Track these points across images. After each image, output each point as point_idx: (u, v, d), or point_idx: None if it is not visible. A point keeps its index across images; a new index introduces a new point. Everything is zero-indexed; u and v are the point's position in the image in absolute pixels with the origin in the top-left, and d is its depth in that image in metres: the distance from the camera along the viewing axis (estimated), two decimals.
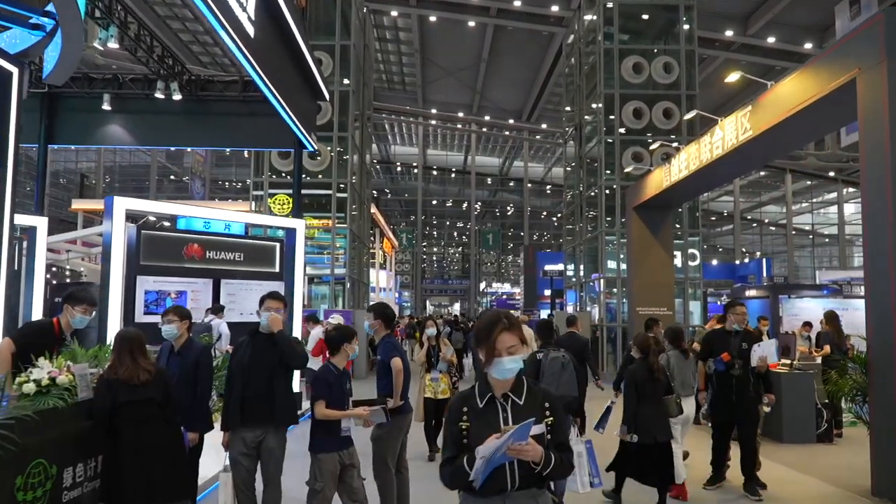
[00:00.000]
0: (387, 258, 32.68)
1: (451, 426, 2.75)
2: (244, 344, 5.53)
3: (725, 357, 7.10)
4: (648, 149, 19.15)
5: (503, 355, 2.66)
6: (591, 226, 21.16)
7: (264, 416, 5.29)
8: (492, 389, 2.73)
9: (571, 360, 6.73)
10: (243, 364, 5.36)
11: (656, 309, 15.86)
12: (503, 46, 42.21)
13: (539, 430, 2.62)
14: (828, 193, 52.05)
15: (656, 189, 14.59)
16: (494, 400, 2.72)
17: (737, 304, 7.61)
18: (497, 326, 2.68)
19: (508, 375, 2.68)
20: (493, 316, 2.75)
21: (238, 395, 5.32)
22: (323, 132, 19.45)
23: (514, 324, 2.70)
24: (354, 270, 21.24)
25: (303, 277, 13.62)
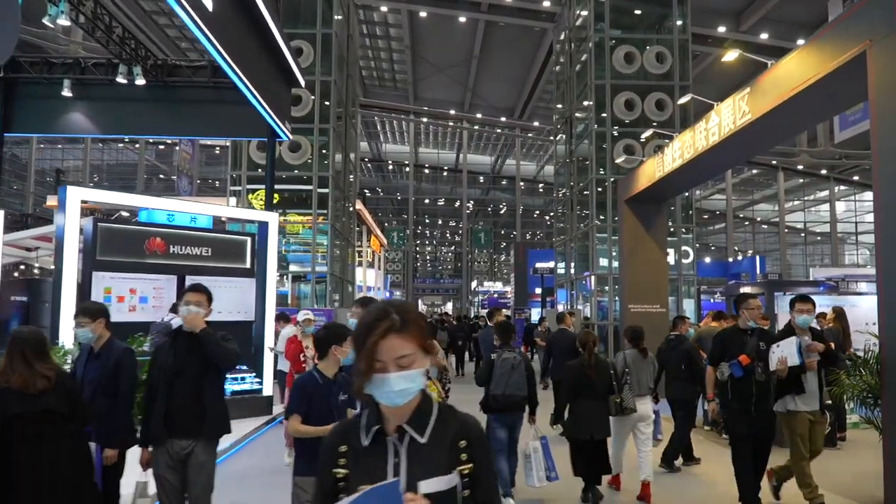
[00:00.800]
0: (375, 256, 31.82)
1: (321, 473, 1.88)
2: (166, 346, 4.70)
3: (744, 360, 6.02)
4: (640, 141, 18.35)
5: (389, 369, 1.74)
6: (584, 224, 20.36)
7: (192, 427, 4.47)
8: (383, 420, 1.84)
9: (523, 360, 6.62)
10: (166, 369, 4.55)
11: (649, 306, 15.08)
12: (495, 43, 41.41)
13: (446, 485, 1.77)
14: (820, 191, 51.40)
15: (648, 181, 13.79)
16: (384, 436, 1.83)
17: (749, 297, 6.52)
18: (379, 326, 1.76)
19: (397, 401, 1.77)
20: (377, 311, 1.82)
21: (162, 405, 4.50)
22: (303, 124, 18.63)
23: (409, 322, 1.78)
24: (338, 268, 20.39)
25: (276, 274, 12.81)
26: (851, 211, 50.77)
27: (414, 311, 1.85)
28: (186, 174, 39.70)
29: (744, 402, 6.05)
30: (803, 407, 6.41)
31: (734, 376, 6.07)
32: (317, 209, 18.33)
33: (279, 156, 18.21)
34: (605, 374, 6.43)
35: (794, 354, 6.07)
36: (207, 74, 12.90)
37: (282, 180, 19.55)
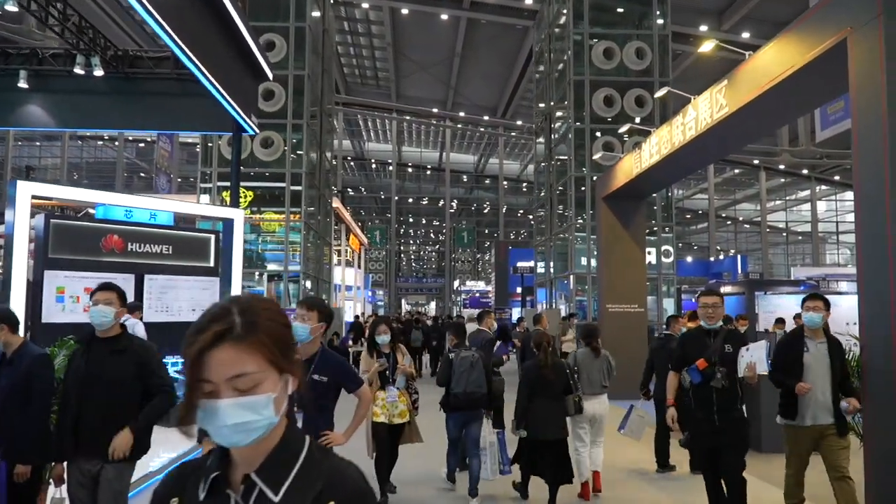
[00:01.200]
0: (355, 256, 31.31)
1: None
2: (78, 353, 4.23)
3: (701, 364, 5.40)
4: (622, 140, 18.00)
5: (221, 393, 1.23)
6: (563, 223, 19.99)
7: (99, 446, 4.00)
8: (230, 464, 1.32)
9: (481, 358, 6.68)
10: (78, 378, 4.08)
11: (627, 306, 14.71)
12: (477, 40, 41.03)
13: None
14: (801, 191, 51.44)
15: (626, 177, 13.41)
16: (226, 487, 1.30)
17: (704, 293, 5.80)
18: (208, 330, 1.26)
19: (234, 440, 1.26)
20: (213, 309, 1.31)
21: (70, 418, 4.04)
22: (276, 119, 18.13)
23: (257, 327, 1.27)
24: (311, 267, 19.89)
25: (241, 273, 12.33)
26: (832, 210, 50.89)
27: (267, 312, 1.31)
28: (165, 172, 39.01)
29: (706, 410, 5.42)
30: (808, 421, 5.59)
31: (693, 383, 5.48)
32: (290, 207, 17.82)
33: (251, 152, 17.73)
34: (562, 373, 6.35)
35: (762, 360, 5.38)
36: (170, 66, 12.37)
37: (254, 177, 19.05)
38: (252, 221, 19.34)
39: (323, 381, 4.07)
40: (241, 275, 12.31)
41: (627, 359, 14.80)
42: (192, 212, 12.14)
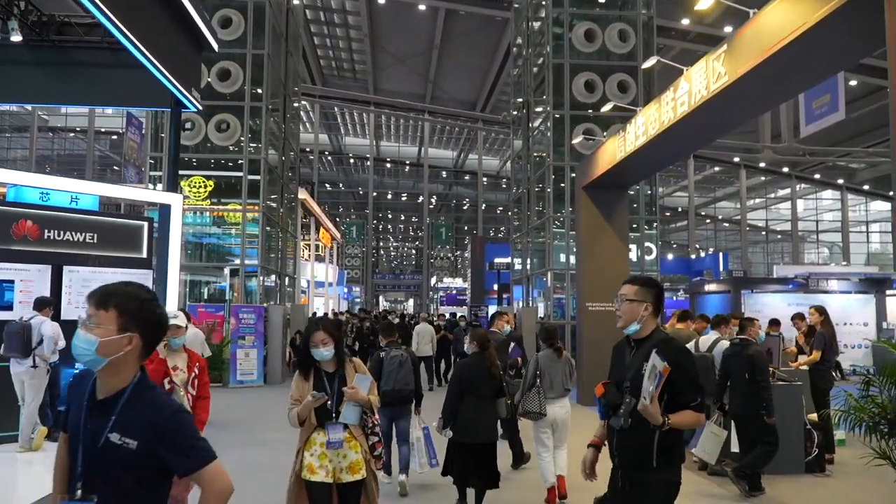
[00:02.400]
0: (327, 251, 29.78)
1: None
2: None
3: (598, 391, 3.52)
4: (601, 125, 16.73)
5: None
6: (540, 217, 18.66)
7: None
8: None
9: (409, 357, 6.81)
10: None
11: (608, 304, 13.40)
12: (455, 32, 39.66)
13: None
14: (781, 189, 50.61)
15: (609, 163, 12.10)
16: None
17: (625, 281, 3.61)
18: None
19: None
20: None
21: None
22: (232, 101, 16.65)
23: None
24: (272, 261, 18.42)
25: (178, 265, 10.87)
26: (812, 209, 50.11)
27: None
28: (134, 163, 37.25)
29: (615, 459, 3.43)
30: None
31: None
32: (247, 197, 16.34)
33: (205, 136, 16.24)
34: (497, 375, 6.12)
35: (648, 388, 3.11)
36: (101, 33, 10.85)
37: (213, 165, 17.55)
38: (210, 212, 17.87)
39: (128, 448, 2.07)
40: (179, 267, 10.89)
41: (607, 360, 13.49)
42: (122, 196, 10.65)
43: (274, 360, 16.27)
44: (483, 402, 5.89)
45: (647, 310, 3.34)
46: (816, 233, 49.73)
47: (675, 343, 3.38)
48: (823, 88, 21.89)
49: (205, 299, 18.99)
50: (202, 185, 17.87)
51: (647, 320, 3.37)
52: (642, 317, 3.36)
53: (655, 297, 3.40)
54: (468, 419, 5.82)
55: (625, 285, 3.53)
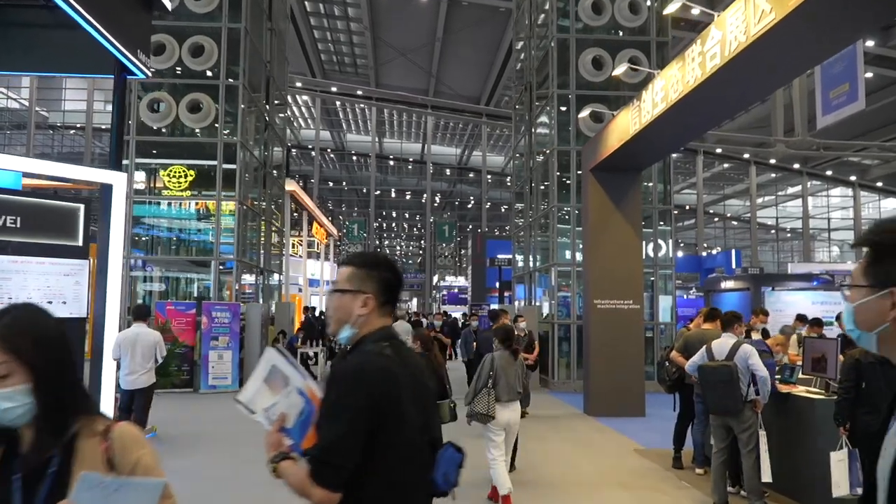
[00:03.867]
0: (322, 247, 28.09)
1: None
2: None
3: None
4: (610, 105, 14.97)
5: None
6: (546, 206, 16.90)
7: None
8: None
9: None
10: None
11: (619, 302, 11.69)
12: (458, 24, 37.92)
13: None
14: (791, 187, 48.70)
15: (620, 140, 10.37)
16: None
17: None
18: None
19: None
20: None
21: None
22: (205, 80, 15.00)
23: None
24: (252, 255, 16.75)
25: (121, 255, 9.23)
26: (823, 207, 48.16)
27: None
28: None
29: None
30: None
31: None
32: (221, 184, 14.67)
33: (176, 116, 14.58)
34: (438, 377, 6.00)
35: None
36: None
37: (188, 151, 15.91)
38: (184, 204, 16.23)
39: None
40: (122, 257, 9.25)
41: (619, 365, 11.84)
42: (51, 172, 8.97)
43: (251, 362, 14.60)
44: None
45: (368, 305, 2.14)
46: (828, 231, 47.79)
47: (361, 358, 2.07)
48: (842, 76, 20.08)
49: (184, 296, 17.33)
50: (182, 174, 16.25)
51: (370, 320, 2.15)
52: (359, 316, 2.14)
53: (381, 283, 2.19)
54: None
55: (339, 268, 2.47)
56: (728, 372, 6.32)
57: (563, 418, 11.27)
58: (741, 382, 6.29)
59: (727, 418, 6.36)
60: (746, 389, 6.30)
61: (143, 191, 15.91)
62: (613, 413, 11.38)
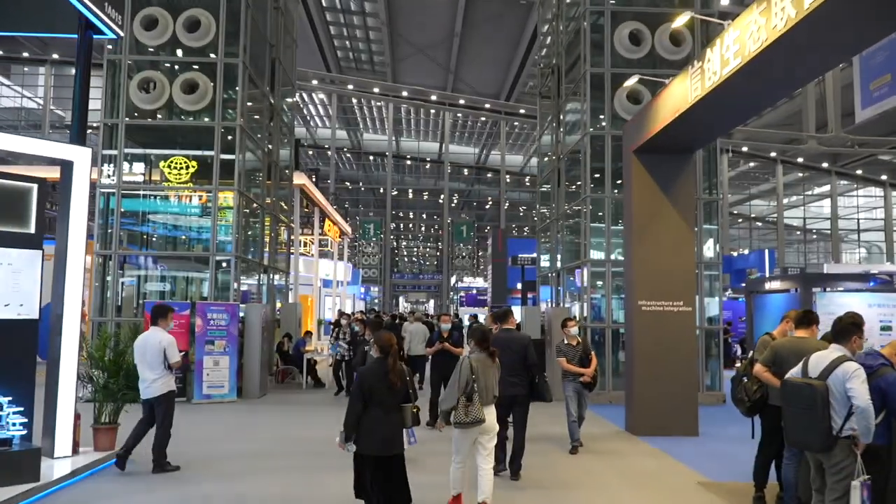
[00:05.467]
0: (335, 246, 26.46)
1: None
2: None
3: None
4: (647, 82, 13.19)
5: None
6: (573, 201, 15.16)
7: None
8: None
9: None
10: None
11: (668, 303, 9.90)
12: (477, 19, 36.31)
13: None
14: (818, 187, 46.50)
15: (674, 112, 8.60)
16: None
17: None
18: None
19: None
20: None
21: None
22: (201, 57, 13.43)
23: None
24: (256, 253, 15.14)
25: (84, 245, 7.62)
26: (851, 207, 45.86)
27: None
28: None
29: None
30: None
31: None
32: (219, 171, 13.06)
33: (170, 98, 12.99)
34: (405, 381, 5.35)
35: None
36: None
37: (183, 139, 14.34)
38: (179, 196, 14.67)
39: None
40: (84, 248, 7.64)
41: (667, 376, 10.09)
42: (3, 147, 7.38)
43: (251, 369, 12.99)
44: (388, 412, 5.25)
45: None
46: (857, 231, 45.48)
47: None
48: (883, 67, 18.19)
49: (183, 298, 15.72)
50: (183, 166, 14.70)
51: None
52: None
53: None
54: (370, 430, 5.17)
55: None
56: (811, 395, 4.66)
57: (604, 439, 9.51)
58: (833, 411, 4.59)
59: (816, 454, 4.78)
60: (842, 422, 4.60)
61: (136, 183, 14.33)
62: (661, 432, 9.61)
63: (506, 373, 6.89)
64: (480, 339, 6.10)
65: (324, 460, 7.76)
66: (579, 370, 8.32)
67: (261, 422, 10.85)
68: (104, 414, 7.85)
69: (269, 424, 10.64)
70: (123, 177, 13.55)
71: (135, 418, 7.51)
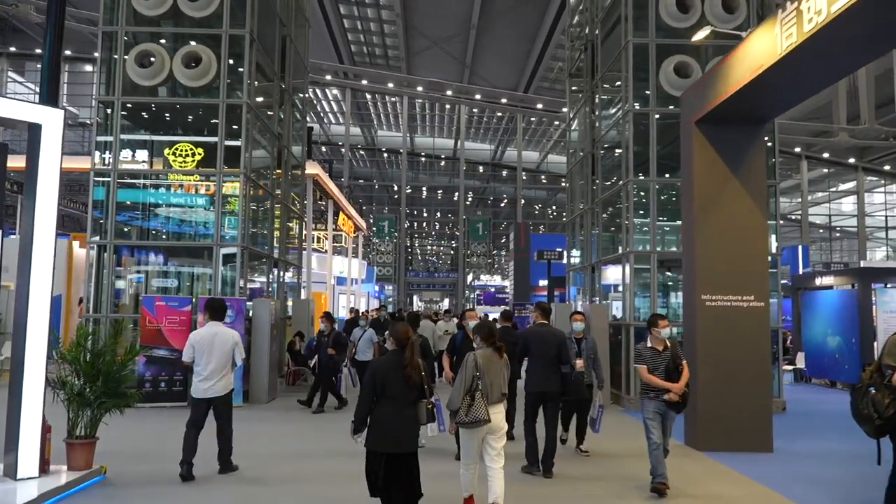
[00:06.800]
0: (350, 241, 25.05)
1: None
2: None
3: None
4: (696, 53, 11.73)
5: None
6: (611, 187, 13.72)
7: None
8: None
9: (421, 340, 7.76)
10: None
11: (737, 298, 8.44)
12: (494, 10, 34.86)
13: None
14: (842, 184, 44.72)
15: (754, 70, 7.16)
16: None
17: None
18: None
19: None
20: None
21: None
22: (204, 29, 12.10)
23: None
24: (264, 243, 13.81)
25: (53, 228, 6.27)
26: (878, 203, 44.00)
27: None
28: None
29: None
30: None
31: None
32: (224, 158, 11.72)
33: (170, 73, 11.67)
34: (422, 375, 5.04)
35: None
36: None
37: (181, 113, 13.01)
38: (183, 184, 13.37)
39: None
40: (54, 230, 6.29)
41: (737, 382, 8.61)
42: None
43: (259, 371, 11.64)
44: (403, 407, 4.91)
45: None
46: (886, 229, 43.59)
47: None
48: None
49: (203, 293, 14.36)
50: (189, 153, 13.40)
51: None
52: None
53: None
54: (383, 426, 4.85)
55: None
56: None
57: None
58: None
59: None
60: None
61: (133, 169, 12.98)
62: (730, 447, 8.16)
63: (539, 367, 6.94)
64: (487, 334, 5.68)
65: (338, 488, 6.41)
66: (665, 384, 6.33)
67: (266, 432, 9.44)
68: (79, 426, 6.50)
69: (276, 436, 9.26)
70: (123, 165, 12.27)
71: (117, 430, 6.21)
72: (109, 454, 6.92)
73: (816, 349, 15.78)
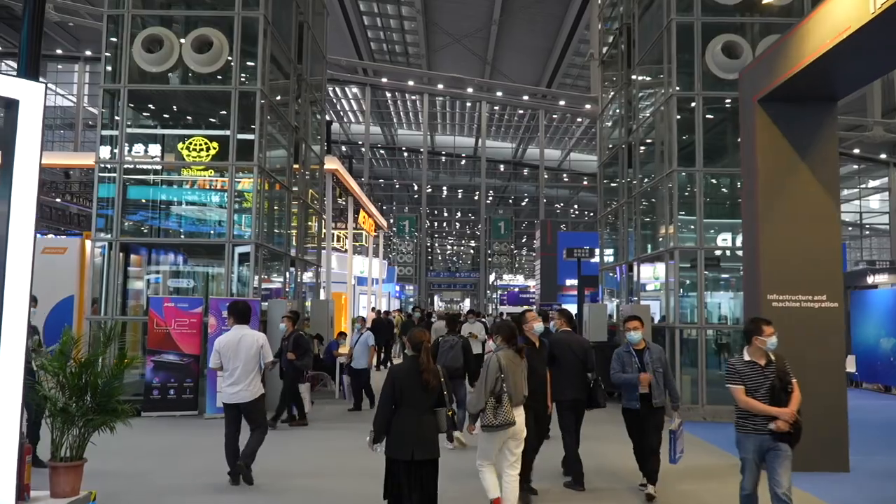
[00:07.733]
0: (370, 240, 24.21)
1: None
2: None
3: None
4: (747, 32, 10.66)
5: None
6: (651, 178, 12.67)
7: None
8: None
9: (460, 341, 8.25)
10: None
11: (807, 297, 7.40)
12: (517, 5, 33.90)
13: None
14: (873, 180, 43.16)
15: (835, 37, 6.13)
16: None
17: None
18: None
19: None
20: None
21: None
22: (214, 11, 11.26)
23: None
24: (281, 241, 12.95)
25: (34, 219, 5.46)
26: None
27: None
28: None
29: None
30: None
31: None
32: (235, 148, 10.86)
33: (179, 58, 10.84)
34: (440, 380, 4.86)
35: None
36: None
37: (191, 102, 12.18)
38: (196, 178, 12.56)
39: None
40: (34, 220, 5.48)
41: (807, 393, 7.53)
42: None
43: (273, 375, 10.76)
44: (422, 414, 4.75)
45: None
46: None
47: None
48: None
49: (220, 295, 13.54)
50: (203, 147, 12.58)
51: None
52: None
53: None
54: (402, 432, 4.67)
55: None
56: None
57: (723, 474, 7.06)
58: None
59: None
60: None
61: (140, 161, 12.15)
62: (804, 466, 7.07)
63: (564, 375, 6.53)
64: (509, 335, 5.51)
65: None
66: (770, 410, 4.75)
67: (281, 443, 8.54)
68: (63, 447, 5.63)
69: (292, 448, 8.37)
70: (129, 158, 11.47)
71: (117, 444, 5.36)
72: (103, 475, 6.09)
73: (868, 352, 14.61)
